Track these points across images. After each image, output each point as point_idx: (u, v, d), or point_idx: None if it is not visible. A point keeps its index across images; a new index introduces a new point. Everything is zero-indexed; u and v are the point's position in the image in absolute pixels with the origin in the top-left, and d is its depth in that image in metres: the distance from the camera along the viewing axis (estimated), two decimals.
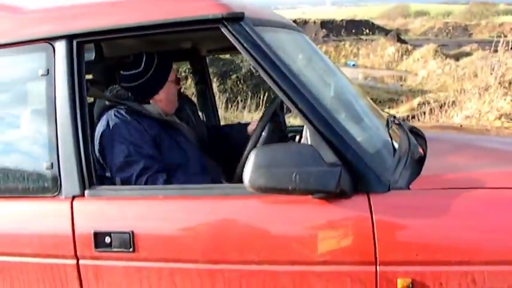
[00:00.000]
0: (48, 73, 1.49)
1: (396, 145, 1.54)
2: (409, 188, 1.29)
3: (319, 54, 2.09)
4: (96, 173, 1.53)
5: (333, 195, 1.25)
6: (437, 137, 1.96)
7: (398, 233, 1.24)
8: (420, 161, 1.47)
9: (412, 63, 18.76)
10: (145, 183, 1.56)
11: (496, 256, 1.19)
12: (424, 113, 8.77)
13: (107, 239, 1.42)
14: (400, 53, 19.88)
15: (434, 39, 27.36)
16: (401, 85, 15.99)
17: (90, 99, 1.79)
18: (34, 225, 1.51)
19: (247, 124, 2.11)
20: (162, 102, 1.80)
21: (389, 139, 1.57)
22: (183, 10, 1.41)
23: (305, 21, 29.32)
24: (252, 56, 1.34)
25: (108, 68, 1.95)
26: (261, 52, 1.34)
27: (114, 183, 1.59)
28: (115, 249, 1.42)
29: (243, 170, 1.22)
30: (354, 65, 19.90)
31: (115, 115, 1.65)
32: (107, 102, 1.70)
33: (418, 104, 9.72)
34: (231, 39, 1.36)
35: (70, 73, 1.47)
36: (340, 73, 2.15)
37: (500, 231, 1.20)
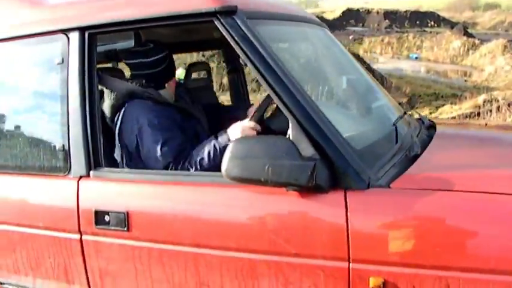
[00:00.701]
0: (63, 62, 1.62)
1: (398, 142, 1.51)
2: (389, 187, 1.26)
3: (335, 49, 2.06)
4: (104, 155, 1.63)
5: (309, 189, 1.25)
6: (461, 134, 1.88)
7: (372, 232, 1.23)
8: (414, 160, 1.43)
9: (479, 58, 17.63)
10: (183, 165, 1.59)
11: (471, 263, 1.14)
12: (490, 111, 8.29)
13: (106, 218, 1.53)
14: (466, 47, 18.74)
15: (504, 34, 25.44)
16: (465, 81, 15.14)
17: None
18: (46, 201, 1.66)
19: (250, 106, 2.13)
20: (171, 87, 1.87)
21: (392, 136, 1.54)
22: (182, 4, 1.46)
23: (368, 10, 28.44)
24: (241, 48, 1.37)
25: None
26: (249, 45, 1.36)
27: (115, 164, 1.69)
28: (112, 228, 1.52)
29: None
30: (416, 58, 19.07)
31: (139, 104, 1.73)
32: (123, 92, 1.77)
33: (484, 102, 9.18)
34: (223, 32, 1.40)
35: (82, 62, 1.59)
36: (359, 68, 2.11)
37: (475, 238, 1.15)
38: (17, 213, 1.69)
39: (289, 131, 1.31)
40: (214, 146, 1.56)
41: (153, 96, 1.76)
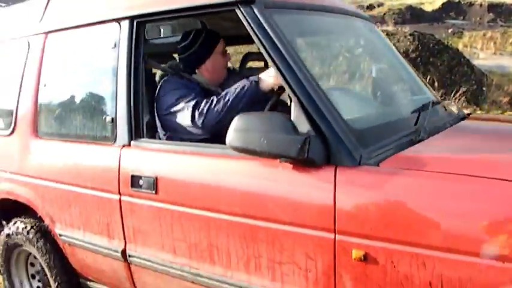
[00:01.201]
0: (115, 46, 1.88)
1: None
2: (378, 165, 1.32)
3: (373, 39, 2.11)
4: (146, 127, 1.87)
5: (303, 163, 1.36)
6: (485, 128, 1.84)
7: (356, 206, 1.30)
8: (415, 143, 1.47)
9: None
10: (204, 119, 1.73)
11: (447, 243, 1.17)
12: None
13: (140, 181, 1.76)
14: None
15: None
16: None
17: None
18: (96, 165, 1.94)
19: None
20: (208, 72, 2.04)
21: (405, 122, 1.58)
22: None
23: (470, 3, 26.49)
24: (255, 34, 1.51)
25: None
26: (263, 32, 1.49)
27: (154, 135, 1.92)
28: (144, 190, 1.75)
29: None
30: None
31: (166, 80, 1.96)
32: (159, 73, 2.02)
33: None
34: (242, 20, 1.55)
35: (130, 47, 1.84)
36: (397, 59, 2.14)
37: (452, 219, 1.17)
38: (73, 174, 2.00)
39: (292, 110, 1.42)
40: (244, 84, 1.71)
41: (184, 76, 1.96)
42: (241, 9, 1.54)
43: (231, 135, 1.39)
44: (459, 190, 1.19)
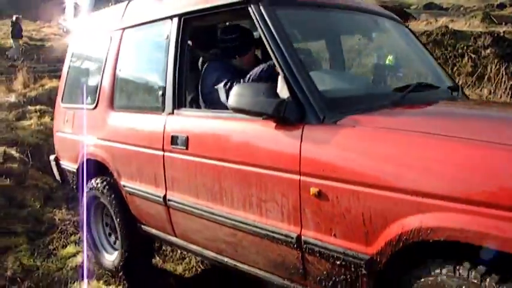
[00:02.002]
0: (167, 38, 2.45)
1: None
2: (335, 123, 1.69)
3: (385, 33, 2.44)
4: (185, 99, 2.40)
5: (281, 121, 1.77)
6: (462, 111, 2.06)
7: (314, 153, 1.67)
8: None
9: None
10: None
11: (373, 181, 1.50)
12: None
13: (177, 140, 2.28)
14: None
15: None
16: None
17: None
18: (150, 129, 2.50)
19: None
20: (243, 61, 2.52)
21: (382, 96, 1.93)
22: None
23: None
24: (259, 26, 1.95)
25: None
26: (265, 25, 1.93)
27: (199, 107, 2.44)
28: (179, 147, 2.27)
29: None
30: None
31: (209, 64, 2.49)
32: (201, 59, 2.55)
33: None
34: (252, 16, 2.00)
35: (177, 38, 2.39)
36: (410, 50, 2.46)
37: (377, 162, 1.50)
38: (133, 136, 2.60)
39: (278, 82, 1.84)
40: (263, 67, 2.22)
41: (225, 61, 2.46)
42: (251, 6, 2.00)
43: (231, 99, 1.85)
44: (383, 140, 1.53)
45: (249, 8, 2.01)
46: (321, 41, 2.48)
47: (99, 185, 2.97)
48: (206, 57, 2.58)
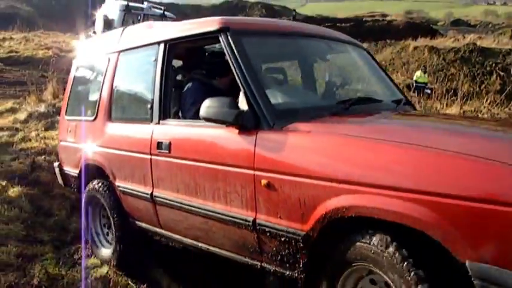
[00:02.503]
0: (155, 60, 2.92)
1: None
2: (282, 129, 2.14)
3: (338, 54, 2.92)
4: (170, 112, 2.86)
5: (240, 127, 2.22)
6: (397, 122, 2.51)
7: (264, 153, 2.11)
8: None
9: None
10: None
11: (307, 172, 1.94)
12: None
13: (161, 145, 2.73)
14: None
15: None
16: None
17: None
18: (139, 135, 2.95)
19: None
20: (222, 83, 2.97)
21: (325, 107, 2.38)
22: (203, 27, 2.60)
23: None
24: (227, 52, 2.41)
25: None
26: (231, 51, 2.40)
27: (179, 118, 2.89)
28: (163, 151, 2.72)
29: None
30: None
31: (190, 84, 2.95)
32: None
33: None
34: (221, 43, 2.47)
35: (163, 60, 2.86)
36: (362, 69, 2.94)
37: (307, 156, 1.95)
38: (126, 143, 3.05)
39: (240, 96, 2.30)
40: None
41: (204, 81, 2.92)
42: (221, 35, 2.47)
43: (202, 110, 2.31)
44: (313, 141, 1.98)
45: (220, 37, 2.49)
46: (283, 62, 2.98)
47: (96, 186, 3.42)
48: (189, 77, 3.04)
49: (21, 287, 3.02)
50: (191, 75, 3.02)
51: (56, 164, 4.15)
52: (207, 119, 2.29)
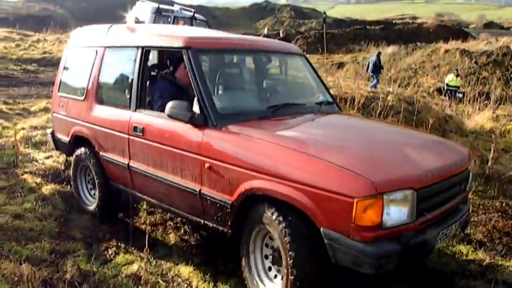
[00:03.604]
0: (135, 60, 3.73)
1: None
2: (221, 128, 3.03)
3: (280, 64, 3.77)
4: (145, 102, 3.71)
5: (193, 125, 3.10)
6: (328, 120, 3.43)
7: (208, 144, 3.02)
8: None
9: None
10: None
11: (233, 161, 2.86)
12: None
13: (136, 129, 3.60)
14: None
15: None
16: None
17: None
18: (120, 119, 3.80)
19: None
20: (183, 80, 3.82)
21: (262, 111, 3.27)
22: (170, 42, 3.43)
23: None
24: (188, 66, 3.25)
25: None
26: (190, 65, 3.24)
27: (152, 109, 3.74)
28: (138, 133, 3.59)
29: None
30: None
31: (158, 82, 3.79)
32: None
33: None
34: (184, 57, 3.30)
35: (140, 60, 3.67)
36: (288, 77, 3.80)
37: (232, 150, 2.87)
38: (109, 122, 3.90)
39: (194, 101, 3.17)
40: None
41: (169, 79, 3.77)
42: (183, 51, 3.30)
43: (166, 109, 3.17)
44: (239, 138, 2.89)
45: (183, 52, 3.32)
46: (236, 70, 3.88)
47: (83, 152, 4.29)
48: (159, 75, 3.87)
49: (55, 282, 3.09)
50: (161, 74, 3.85)
51: (49, 130, 4.98)
52: (170, 117, 3.16)
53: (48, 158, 5.75)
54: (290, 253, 2.59)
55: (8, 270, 3.08)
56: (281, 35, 13.82)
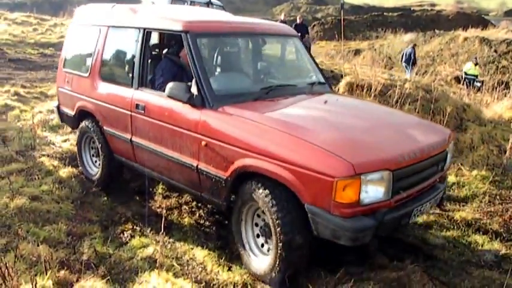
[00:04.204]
0: (137, 40, 3.92)
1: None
2: (217, 109, 3.26)
3: (277, 46, 3.96)
4: (146, 81, 3.92)
5: (191, 105, 3.33)
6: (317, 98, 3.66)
7: (205, 124, 3.25)
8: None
9: None
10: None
11: (224, 139, 3.11)
12: None
13: (139, 106, 3.83)
14: None
15: None
16: None
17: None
18: (123, 96, 4.02)
19: None
20: (183, 58, 4.03)
21: (257, 92, 3.50)
22: (170, 25, 3.61)
23: None
24: (187, 51, 3.45)
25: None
26: (188, 48, 3.44)
27: (153, 87, 3.95)
28: (140, 111, 3.82)
29: None
30: None
31: (161, 62, 4.00)
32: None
33: None
34: (183, 40, 3.50)
35: (142, 40, 3.87)
36: (285, 60, 4.00)
37: (225, 128, 3.11)
38: (112, 99, 4.13)
39: (192, 82, 3.39)
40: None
41: (171, 59, 3.97)
42: (182, 34, 3.50)
43: (166, 90, 3.39)
44: (234, 119, 3.13)
45: (182, 36, 3.51)
46: (233, 53, 4.07)
47: (88, 125, 4.54)
48: (162, 55, 4.07)
49: (71, 264, 3.16)
50: (165, 54, 4.05)
51: (55, 104, 5.21)
52: (170, 97, 3.39)
53: (65, 141, 5.87)
54: (278, 227, 2.86)
55: (26, 251, 3.18)
56: (298, 21, 13.82)
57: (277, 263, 2.93)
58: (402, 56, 16.27)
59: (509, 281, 3.06)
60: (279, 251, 2.90)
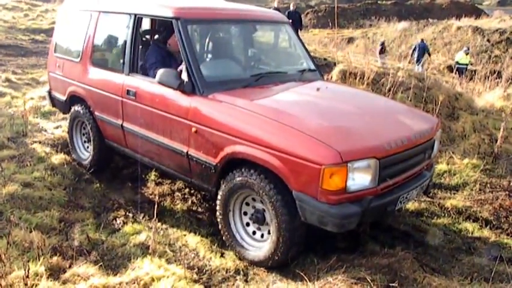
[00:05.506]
0: (128, 26, 3.90)
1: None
2: (207, 96, 3.28)
3: (267, 33, 3.97)
4: (137, 66, 3.92)
5: (182, 91, 3.34)
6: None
7: (195, 111, 3.27)
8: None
9: None
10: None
11: (213, 125, 3.13)
12: None
13: (129, 92, 3.84)
14: None
15: None
16: None
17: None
18: (115, 82, 4.02)
19: None
20: (171, 45, 4.02)
21: (247, 79, 3.51)
22: (161, 12, 3.60)
23: None
24: (177, 37, 3.45)
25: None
26: (179, 34, 3.44)
27: (144, 73, 3.95)
28: (131, 96, 3.83)
29: None
30: None
31: (150, 48, 3.99)
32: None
33: None
34: (173, 26, 3.49)
35: (133, 27, 3.86)
36: (277, 47, 4.01)
37: (214, 115, 3.14)
38: (104, 84, 4.13)
39: (183, 69, 3.40)
40: None
41: (160, 45, 3.97)
42: (173, 21, 3.49)
43: (157, 76, 3.39)
44: (223, 106, 3.15)
45: (173, 22, 3.51)
46: (224, 39, 4.08)
47: (79, 110, 4.54)
48: (153, 41, 4.06)
49: (64, 250, 3.16)
50: (153, 41, 4.04)
51: (46, 89, 5.19)
52: (160, 83, 3.40)
53: (57, 128, 5.84)
54: (279, 209, 2.89)
55: (19, 238, 3.18)
56: (291, 8, 13.74)
57: (280, 245, 2.97)
58: (413, 51, 16.23)
59: (497, 268, 3.13)
60: (281, 233, 2.93)
